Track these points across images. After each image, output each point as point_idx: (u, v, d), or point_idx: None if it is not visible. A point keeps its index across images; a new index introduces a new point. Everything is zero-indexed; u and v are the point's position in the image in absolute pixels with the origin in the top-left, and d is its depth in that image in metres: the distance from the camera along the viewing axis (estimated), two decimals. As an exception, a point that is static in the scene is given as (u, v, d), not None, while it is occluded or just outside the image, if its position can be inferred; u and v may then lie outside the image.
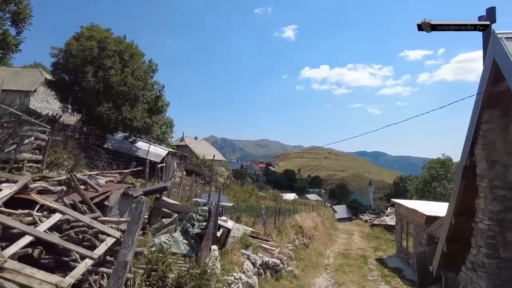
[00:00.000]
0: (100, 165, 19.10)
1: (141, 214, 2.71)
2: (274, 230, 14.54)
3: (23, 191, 4.85)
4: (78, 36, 19.53)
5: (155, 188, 8.45)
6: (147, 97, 21.42)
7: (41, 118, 15.46)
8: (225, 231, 8.77)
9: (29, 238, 3.84)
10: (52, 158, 13.13)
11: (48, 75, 26.28)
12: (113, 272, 2.62)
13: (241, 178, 49.70)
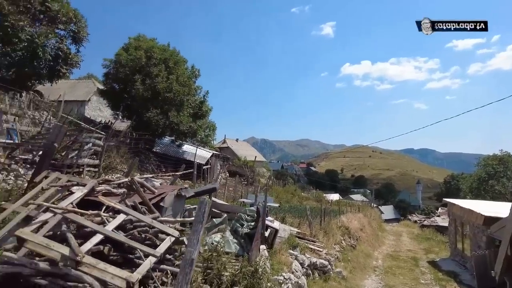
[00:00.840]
0: (150, 168, 20.15)
1: (204, 214, 2.89)
2: (320, 231, 14.40)
3: (91, 194, 5.31)
4: (126, 47, 20.78)
5: (205, 189, 8.76)
6: (192, 102, 22.23)
7: (97, 126, 16.69)
8: (272, 231, 8.88)
9: (100, 236, 4.22)
10: (107, 162, 14.12)
11: (100, 85, 28.24)
12: (180, 269, 2.81)
13: (282, 179, 49.67)
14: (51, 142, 6.65)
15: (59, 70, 10.01)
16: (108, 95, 21.53)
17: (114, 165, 14.85)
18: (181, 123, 20.66)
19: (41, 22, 9.36)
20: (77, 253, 3.80)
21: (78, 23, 10.01)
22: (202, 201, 2.97)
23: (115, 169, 14.65)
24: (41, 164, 6.56)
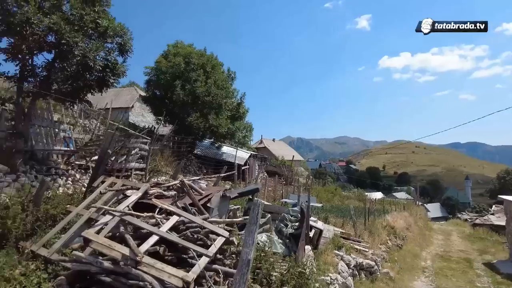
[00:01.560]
0: (192, 169, 20.83)
1: (258, 215, 2.98)
2: (364, 231, 14.06)
3: (144, 197, 5.63)
4: (166, 54, 21.65)
5: (248, 190, 8.92)
6: (230, 104, 22.64)
7: (143, 132, 17.54)
8: (317, 232, 8.84)
9: (155, 237, 4.47)
10: (153, 165, 14.81)
11: (142, 92, 29.58)
12: (237, 269, 2.92)
13: (321, 178, 49.00)
14: (105, 149, 7.14)
15: (108, 80, 10.63)
16: (151, 101, 22.54)
17: (159, 168, 15.56)
18: (220, 126, 21.13)
19: (91, 38, 9.98)
20: (136, 253, 4.06)
21: (124, 36, 10.57)
22: (255, 202, 3.06)
23: (160, 172, 15.34)
24: (97, 170, 7.05)
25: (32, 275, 4.22)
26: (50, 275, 4.32)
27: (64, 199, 6.37)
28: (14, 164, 9.06)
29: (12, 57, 9.54)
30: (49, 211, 5.68)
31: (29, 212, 5.39)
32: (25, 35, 8.63)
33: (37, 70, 10.13)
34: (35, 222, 5.39)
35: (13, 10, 8.64)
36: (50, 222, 5.62)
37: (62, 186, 9.70)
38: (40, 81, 10.08)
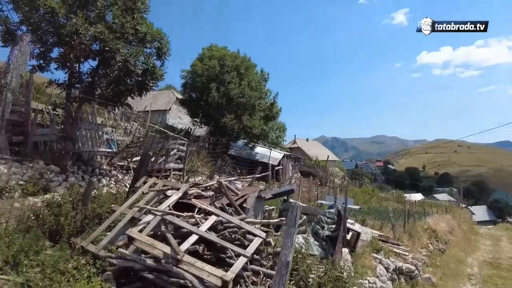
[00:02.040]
0: (227, 170, 21.16)
1: (296, 218, 2.99)
2: (404, 234, 13.55)
3: (184, 197, 5.82)
4: (201, 57, 22.18)
5: (283, 191, 8.93)
6: (263, 105, 22.74)
7: (180, 133, 18.08)
8: (354, 234, 8.66)
9: (195, 236, 4.61)
10: (190, 166, 15.21)
11: (179, 94, 30.45)
12: (276, 270, 2.95)
13: (357, 179, 47.78)
14: (146, 151, 7.46)
15: (147, 84, 11.09)
16: (187, 104, 23.20)
17: (196, 169, 15.97)
18: (253, 126, 21.29)
19: (131, 44, 10.46)
20: (177, 252, 4.21)
21: (161, 40, 10.98)
22: (293, 205, 3.07)
23: (196, 172, 15.74)
24: (139, 171, 7.38)
25: (83, 269, 4.51)
26: (98, 270, 4.59)
27: (108, 198, 6.73)
28: (64, 165, 9.70)
29: (61, 65, 10.25)
30: (96, 210, 6.03)
31: (78, 210, 5.75)
32: (73, 44, 9.23)
33: (83, 77, 10.78)
34: (84, 219, 5.74)
35: (62, 22, 9.27)
36: (97, 220, 5.96)
37: (105, 186, 10.24)
38: (85, 87, 10.71)
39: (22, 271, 4.32)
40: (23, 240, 4.67)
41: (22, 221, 5.47)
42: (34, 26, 9.17)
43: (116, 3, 10.17)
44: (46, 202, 6.23)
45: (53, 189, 8.45)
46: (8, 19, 9.58)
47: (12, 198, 7.47)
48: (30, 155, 9.32)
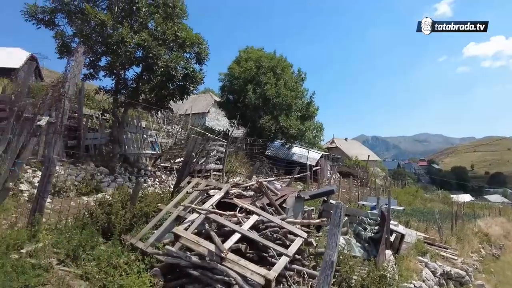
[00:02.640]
0: (264, 170, 21.28)
1: (341, 218, 2.98)
2: (451, 236, 12.85)
3: (225, 196, 5.97)
4: (238, 60, 22.52)
5: (323, 191, 8.85)
6: (299, 105, 22.62)
7: (219, 135, 18.50)
8: (398, 236, 8.37)
9: (238, 235, 4.72)
10: (228, 166, 15.51)
11: (217, 97, 31.11)
12: (321, 270, 2.96)
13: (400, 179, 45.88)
14: (189, 152, 7.75)
15: (188, 88, 11.49)
16: (225, 106, 23.65)
17: (234, 169, 16.26)
18: (290, 127, 21.24)
19: (172, 49, 10.88)
20: (221, 250, 4.34)
21: (200, 45, 11.33)
22: (337, 205, 3.06)
23: (235, 172, 16.03)
24: (182, 171, 7.69)
25: (133, 264, 4.79)
26: (147, 266, 4.85)
27: (155, 198, 7.06)
28: (112, 166, 10.33)
29: (109, 73, 10.94)
30: (143, 209, 6.36)
31: (127, 209, 6.10)
32: (119, 52, 9.79)
33: (128, 83, 11.42)
34: (132, 218, 6.08)
35: (110, 32, 9.88)
36: (144, 219, 6.28)
37: (151, 186, 10.74)
38: (130, 92, 11.32)
39: (81, 264, 4.69)
40: (80, 236, 5.05)
41: (78, 218, 5.92)
42: (85, 38, 9.87)
43: (158, 11, 10.66)
44: (98, 201, 6.68)
45: (103, 189, 9.02)
46: (64, 32, 10.41)
47: (68, 197, 8.09)
48: (83, 158, 10.03)
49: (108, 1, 10.71)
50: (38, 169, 8.29)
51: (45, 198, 5.37)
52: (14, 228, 5.09)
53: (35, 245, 4.66)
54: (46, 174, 5.34)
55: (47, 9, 10.26)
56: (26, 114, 7.92)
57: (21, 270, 4.06)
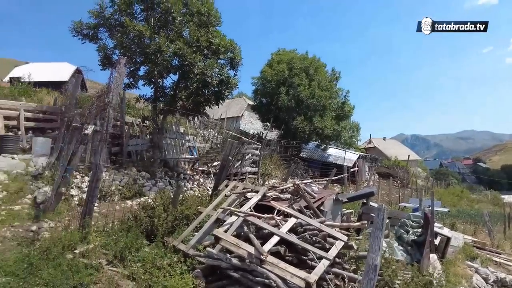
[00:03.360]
0: (299, 172, 21.12)
1: (383, 220, 2.90)
2: (504, 240, 11.98)
3: (262, 199, 6.01)
4: (270, 63, 22.61)
5: (362, 194, 8.63)
6: (334, 104, 22.27)
7: (253, 138, 18.65)
8: (443, 239, 7.95)
9: (276, 238, 4.73)
10: (263, 169, 15.58)
11: (250, 101, 31.39)
12: (364, 274, 2.90)
13: (443, 179, 43.55)
14: (226, 156, 7.90)
15: (223, 93, 11.73)
16: (258, 109, 23.84)
17: (269, 172, 16.30)
18: (325, 127, 20.97)
19: (207, 56, 11.15)
20: (261, 252, 4.37)
21: (233, 51, 11.53)
22: (380, 208, 2.98)
23: (270, 175, 16.06)
24: (220, 175, 7.84)
25: (175, 266, 4.95)
26: (189, 267, 5.00)
27: (194, 201, 7.26)
28: (153, 171, 10.76)
29: (148, 82, 11.43)
30: (184, 212, 6.55)
31: (169, 212, 6.32)
32: (157, 61, 10.21)
33: (166, 91, 11.86)
34: (174, 221, 6.29)
35: (147, 43, 10.34)
36: (185, 221, 6.47)
37: (190, 189, 11.04)
38: (168, 99, 11.74)
39: (127, 265, 4.94)
40: (126, 238, 5.31)
41: (123, 221, 6.23)
42: (125, 49, 10.40)
43: (192, 20, 10.98)
44: (141, 205, 6.98)
45: (145, 193, 9.41)
46: (106, 45, 11.05)
47: (113, 201, 8.53)
48: (126, 164, 10.54)
49: (145, 13, 11.20)
50: (85, 175, 8.81)
51: (93, 202, 5.71)
52: (68, 230, 5.46)
53: (86, 246, 4.97)
54: (93, 180, 5.69)
55: (91, 25, 10.94)
56: (75, 124, 8.47)
57: (76, 269, 4.36)
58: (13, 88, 14.18)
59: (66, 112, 9.22)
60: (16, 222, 6.03)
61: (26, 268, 4.26)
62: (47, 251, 4.59)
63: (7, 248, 4.98)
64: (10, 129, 10.31)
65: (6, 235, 5.49)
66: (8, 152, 8.89)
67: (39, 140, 9.50)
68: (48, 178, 8.01)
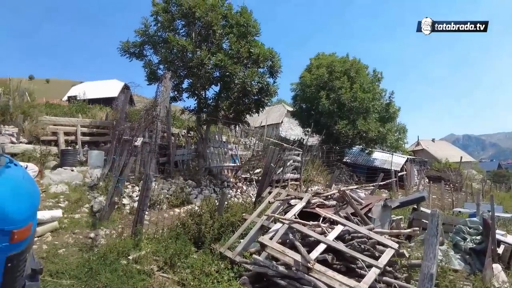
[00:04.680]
0: (343, 178, 20.59)
1: (438, 227, 2.76)
2: None
3: (307, 206, 5.96)
4: (309, 68, 22.48)
5: (412, 199, 8.21)
6: (378, 106, 21.54)
7: (294, 144, 18.57)
8: (508, 248, 7.27)
9: (323, 245, 4.65)
10: (305, 175, 15.40)
11: (289, 107, 31.33)
12: (419, 283, 2.77)
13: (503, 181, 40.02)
14: (269, 163, 7.96)
15: (263, 101, 11.88)
16: (298, 115, 23.73)
17: (311, 178, 16.08)
18: (369, 130, 20.32)
19: (246, 66, 11.37)
20: (308, 260, 4.33)
21: (273, 59, 11.64)
22: (434, 213, 2.84)
23: (312, 181, 15.84)
24: (263, 182, 7.91)
25: (223, 272, 5.05)
26: (235, 274, 5.07)
27: (239, 208, 7.37)
28: (198, 179, 11.10)
29: (191, 94, 11.91)
30: (229, 219, 6.68)
31: (215, 219, 6.48)
32: (199, 74, 10.61)
33: (209, 102, 12.24)
34: (220, 228, 6.43)
35: (190, 57, 10.79)
36: (231, 228, 6.59)
37: (233, 196, 11.23)
38: (211, 110, 12.12)
39: (177, 271, 5.12)
40: (175, 245, 5.53)
41: (172, 229, 6.48)
42: (169, 64, 10.94)
43: (232, 31, 11.28)
44: (188, 212, 7.23)
45: (192, 201, 9.72)
46: (151, 61, 11.70)
47: (162, 209, 8.91)
48: (173, 173, 10.99)
49: (187, 28, 11.71)
50: (136, 184, 9.30)
51: (144, 210, 6.01)
52: (121, 237, 5.81)
53: (138, 252, 5.25)
54: (144, 189, 6.00)
55: (137, 43, 11.66)
56: (125, 137, 9.02)
57: (130, 275, 4.61)
58: (71, 106, 15.44)
59: (117, 125, 9.85)
60: (77, 230, 6.51)
61: (87, 272, 4.58)
62: (104, 257, 4.91)
63: (70, 253, 5.39)
64: (69, 143, 11.20)
65: (69, 241, 5.94)
66: (68, 165, 9.64)
67: (94, 153, 10.22)
68: (102, 188, 8.57)
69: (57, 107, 14.89)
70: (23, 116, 11.09)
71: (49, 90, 37.30)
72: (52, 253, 5.29)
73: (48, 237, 6.07)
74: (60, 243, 5.85)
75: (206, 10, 10.73)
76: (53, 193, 8.17)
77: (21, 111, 11.29)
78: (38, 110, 12.07)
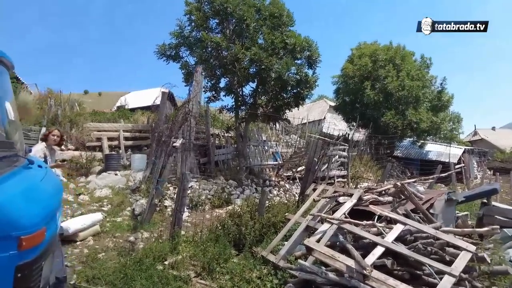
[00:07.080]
0: (394, 173, 19.19)
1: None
2: None
3: (358, 203, 5.27)
4: (351, 59, 21.29)
5: (482, 192, 7.11)
6: (428, 94, 19.84)
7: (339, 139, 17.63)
8: None
9: (381, 249, 3.96)
10: (353, 171, 14.46)
11: (331, 102, 30.16)
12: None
13: None
14: (311, 158, 7.35)
15: (302, 93, 11.26)
16: (341, 109, 22.59)
17: (360, 174, 15.08)
18: (421, 120, 18.75)
19: (282, 58, 10.84)
20: (363, 266, 3.67)
21: (310, 48, 11.00)
22: None
23: (361, 177, 14.84)
24: (306, 179, 7.32)
25: (265, 279, 4.53)
26: (280, 281, 4.53)
27: (281, 207, 6.84)
28: (240, 179, 10.76)
29: (228, 92, 11.62)
30: (271, 219, 6.16)
31: (256, 220, 6.00)
32: (235, 71, 10.26)
33: (246, 99, 11.88)
34: (262, 229, 5.93)
35: (224, 54, 10.50)
36: (273, 229, 6.07)
37: (275, 195, 10.72)
38: (249, 107, 11.75)
39: (216, 277, 4.70)
40: (214, 248, 5.13)
41: (212, 230, 6.12)
42: (205, 62, 10.73)
43: (265, 24, 10.81)
44: (228, 213, 6.84)
45: (233, 201, 9.38)
46: (187, 62, 11.61)
47: (204, 210, 8.65)
48: (214, 173, 10.75)
49: (221, 26, 11.46)
50: (177, 186, 9.16)
51: (181, 211, 5.70)
52: (159, 241, 5.54)
53: (175, 257, 4.91)
54: (181, 189, 5.69)
55: (172, 45, 11.61)
56: (164, 138, 8.91)
57: (166, 281, 4.28)
58: (114, 113, 15.95)
59: (156, 128, 9.81)
60: (118, 233, 6.40)
61: (122, 278, 4.33)
62: (140, 262, 4.65)
63: (109, 258, 5.22)
64: (113, 148, 11.42)
65: (109, 245, 5.81)
66: (112, 169, 9.77)
67: (136, 157, 10.27)
68: (144, 191, 8.51)
69: (101, 114, 15.45)
70: (70, 124, 11.51)
71: (101, 103, 39.56)
72: (91, 257, 5.16)
73: (90, 241, 6.01)
74: (100, 247, 5.75)
75: (238, 4, 10.37)
76: (97, 197, 8.26)
77: (69, 120, 11.74)
78: (84, 118, 12.51)
